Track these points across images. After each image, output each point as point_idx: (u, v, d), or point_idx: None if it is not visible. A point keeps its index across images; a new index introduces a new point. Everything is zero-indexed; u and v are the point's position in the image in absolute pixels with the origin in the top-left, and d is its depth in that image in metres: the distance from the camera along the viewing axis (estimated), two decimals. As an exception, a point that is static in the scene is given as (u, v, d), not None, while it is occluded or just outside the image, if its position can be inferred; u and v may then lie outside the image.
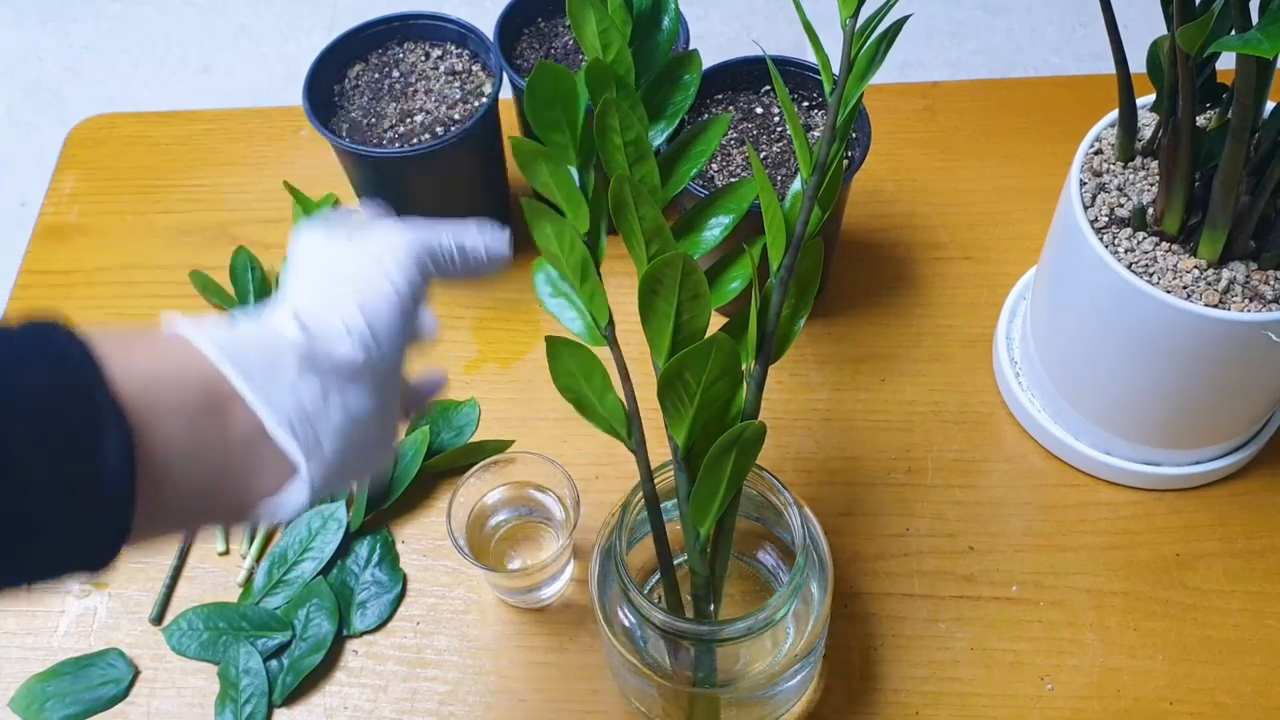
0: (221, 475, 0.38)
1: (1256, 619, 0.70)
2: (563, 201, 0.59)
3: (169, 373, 0.37)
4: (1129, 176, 0.68)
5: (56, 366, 0.33)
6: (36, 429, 0.32)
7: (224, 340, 0.39)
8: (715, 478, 0.55)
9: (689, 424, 0.55)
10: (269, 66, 1.91)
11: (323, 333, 0.42)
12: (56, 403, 0.33)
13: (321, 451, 0.40)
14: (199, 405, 0.37)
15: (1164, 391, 0.68)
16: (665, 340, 0.54)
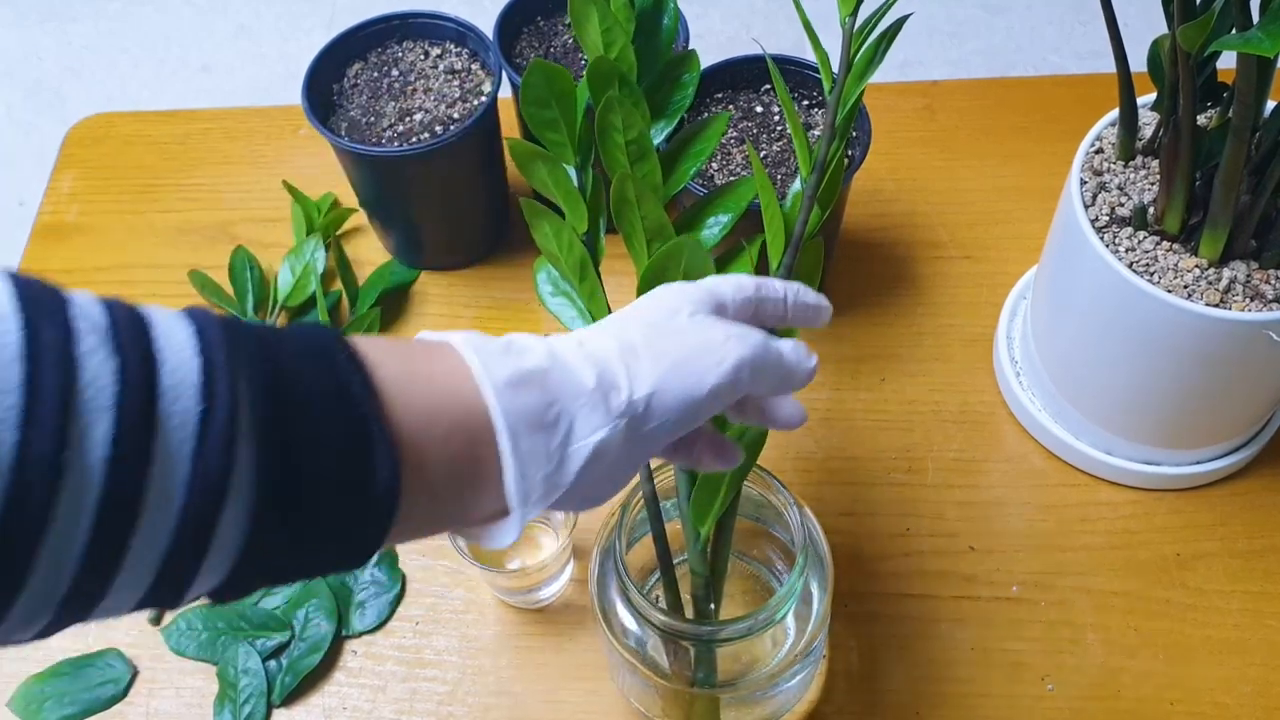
0: (458, 508, 0.39)
1: (1257, 619, 0.70)
2: (561, 201, 0.59)
3: (442, 417, 0.37)
4: (1130, 176, 0.68)
5: (337, 394, 0.34)
6: (312, 446, 0.33)
7: (504, 382, 0.39)
8: (717, 478, 0.55)
9: None
10: (268, 66, 1.91)
11: (608, 394, 0.41)
12: (334, 424, 0.34)
13: (543, 501, 0.40)
14: (461, 453, 0.38)
15: (1164, 391, 0.68)
16: None
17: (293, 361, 0.34)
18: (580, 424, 0.40)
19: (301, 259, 0.86)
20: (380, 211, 0.87)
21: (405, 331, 0.86)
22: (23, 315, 0.30)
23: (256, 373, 0.33)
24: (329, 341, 0.36)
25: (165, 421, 0.31)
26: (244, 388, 0.32)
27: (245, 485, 0.32)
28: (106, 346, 0.31)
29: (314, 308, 0.85)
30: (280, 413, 0.33)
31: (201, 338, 0.33)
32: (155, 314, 0.33)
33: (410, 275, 0.88)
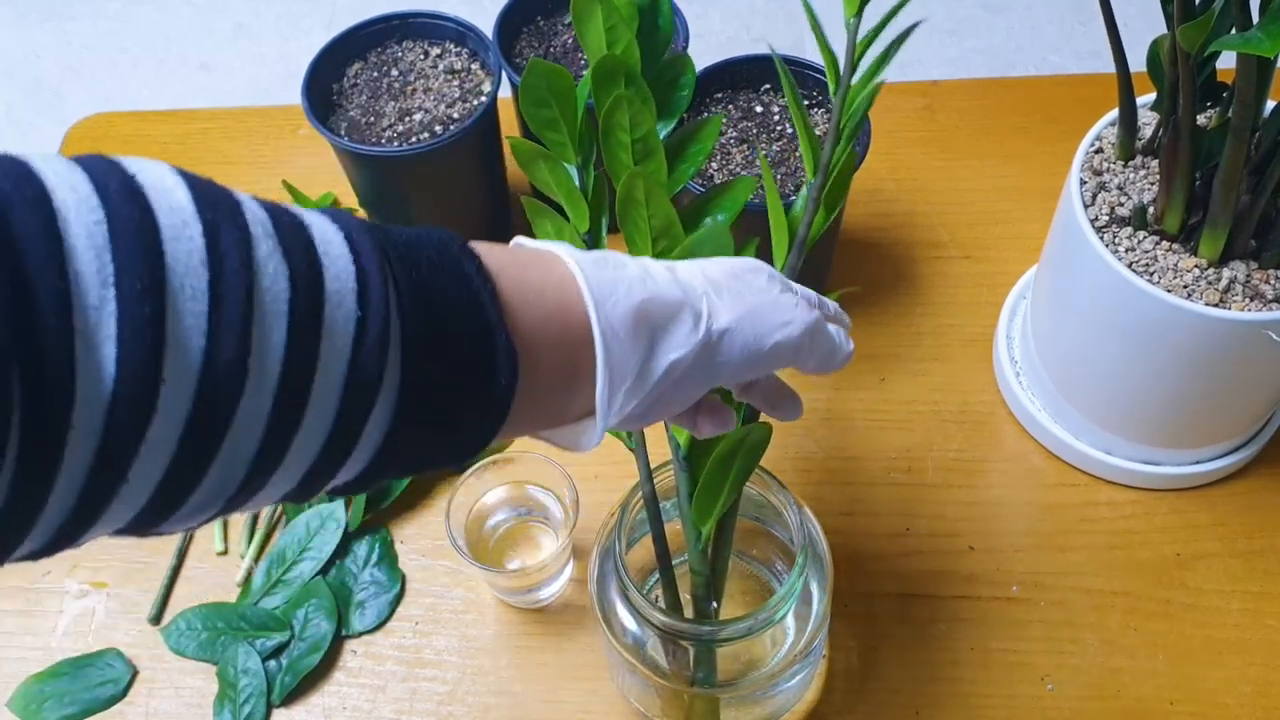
0: (555, 409, 0.42)
1: (1257, 619, 0.70)
2: (563, 200, 0.59)
3: (552, 325, 0.40)
4: (1129, 175, 0.68)
5: (469, 304, 0.36)
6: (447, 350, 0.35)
7: (605, 295, 0.41)
8: (719, 479, 0.55)
9: None
10: (268, 65, 1.91)
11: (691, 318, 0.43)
12: (464, 330, 0.36)
13: (624, 407, 0.42)
14: (564, 359, 0.40)
15: (1164, 391, 0.68)
16: None
17: (430, 269, 0.36)
18: (662, 342, 0.42)
19: (301, 259, 0.86)
20: (380, 211, 0.87)
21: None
22: (203, 218, 0.30)
23: (402, 280, 0.34)
24: (459, 250, 0.38)
25: (330, 326, 0.32)
26: (393, 295, 0.34)
27: (391, 387, 0.34)
28: (279, 251, 0.31)
29: (314, 307, 0.85)
30: (424, 320, 0.35)
31: (352, 244, 0.34)
32: (310, 217, 0.34)
33: (410, 275, 0.88)
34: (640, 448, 0.58)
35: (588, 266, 0.41)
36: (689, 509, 0.57)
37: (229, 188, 0.33)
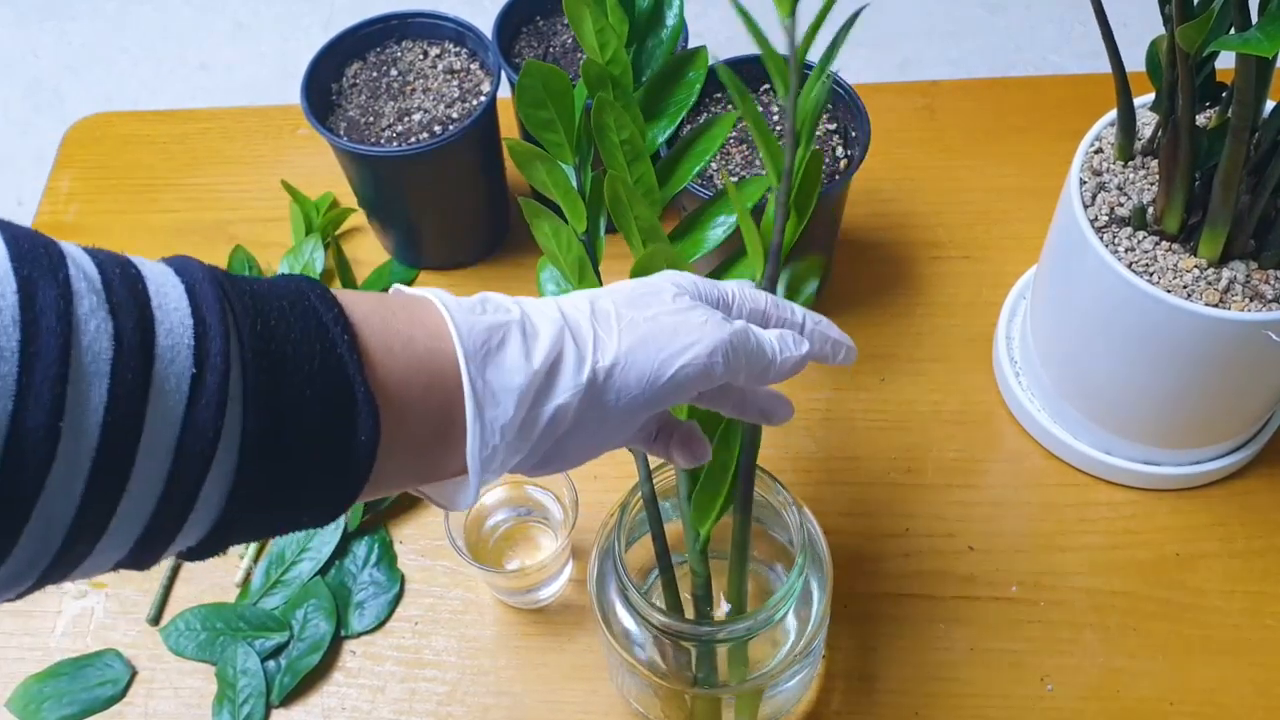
0: (426, 465, 0.40)
1: (1256, 619, 0.70)
2: (560, 201, 0.59)
3: (420, 376, 0.38)
4: (1129, 176, 0.68)
5: (324, 355, 0.35)
6: (299, 404, 0.34)
7: (477, 344, 0.39)
8: (717, 478, 0.55)
9: None
10: (266, 65, 1.91)
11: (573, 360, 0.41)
12: (320, 383, 0.34)
13: (503, 465, 0.40)
14: (435, 412, 0.38)
15: (1164, 391, 0.68)
16: None
17: (282, 319, 0.34)
18: (544, 389, 0.40)
19: (300, 259, 0.86)
20: (379, 211, 0.87)
21: (404, 331, 0.86)
22: (19, 275, 0.29)
23: (247, 332, 0.33)
24: (316, 297, 0.36)
25: (160, 385, 0.30)
26: (235, 348, 0.32)
27: (232, 447, 0.32)
28: (105, 307, 0.30)
29: (313, 307, 0.85)
30: (269, 375, 0.33)
31: (193, 295, 0.32)
32: (148, 269, 0.33)
33: (409, 275, 0.88)
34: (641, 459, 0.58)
35: (460, 313, 0.39)
36: (688, 509, 0.57)
37: (58, 241, 0.31)
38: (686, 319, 0.43)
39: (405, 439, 0.37)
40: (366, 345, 0.36)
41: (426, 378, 0.38)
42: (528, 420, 0.40)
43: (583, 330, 0.41)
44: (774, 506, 0.61)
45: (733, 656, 0.60)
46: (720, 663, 0.60)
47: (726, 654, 0.60)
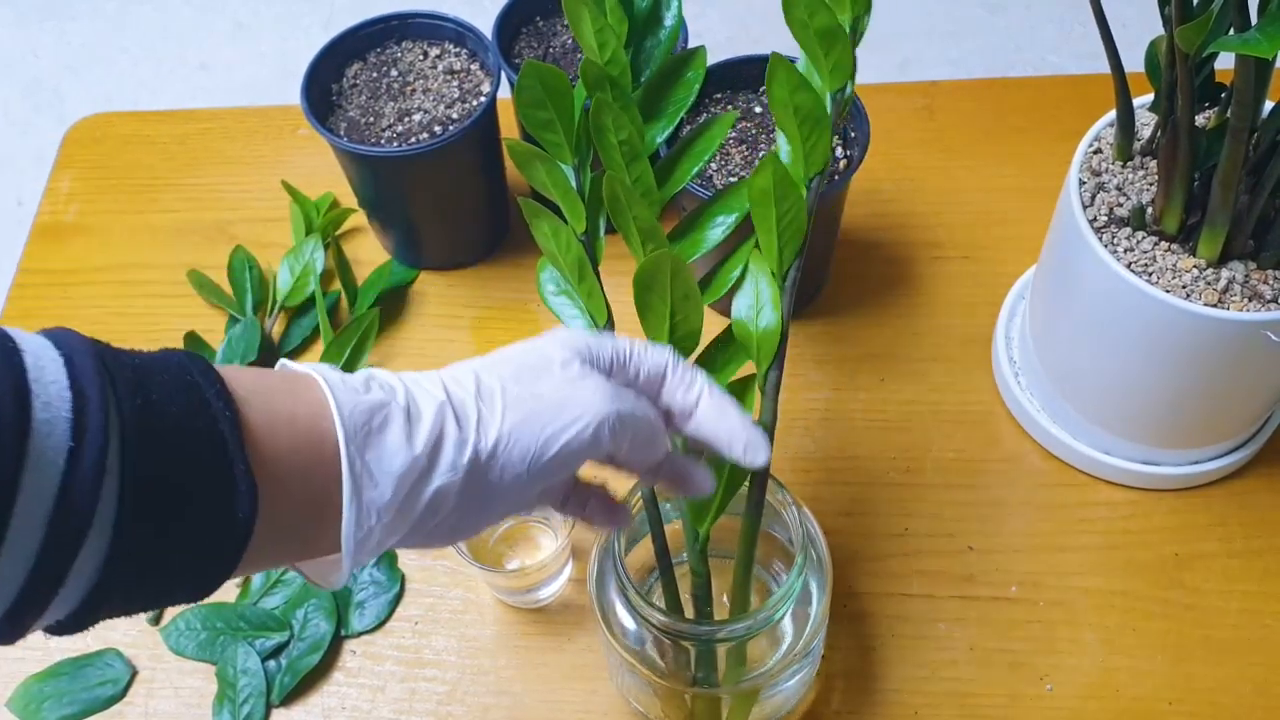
0: (300, 545, 0.40)
1: (1255, 619, 0.70)
2: (560, 201, 0.59)
3: (300, 457, 0.38)
4: (1128, 176, 0.68)
5: (206, 433, 0.34)
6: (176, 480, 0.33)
7: (357, 425, 0.39)
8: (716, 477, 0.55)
9: None
10: (267, 65, 1.91)
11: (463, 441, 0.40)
12: (198, 459, 0.34)
13: (379, 547, 0.40)
14: (314, 493, 0.38)
15: (1163, 391, 0.68)
16: (663, 338, 0.55)
17: (163, 393, 0.34)
18: (425, 471, 0.40)
19: (301, 259, 0.86)
20: (379, 212, 0.87)
21: (406, 332, 0.86)
22: None
23: (127, 406, 0.32)
24: (199, 373, 0.36)
25: (36, 457, 0.30)
26: (114, 423, 0.32)
27: (107, 523, 0.32)
28: None
29: (313, 308, 0.85)
30: (148, 450, 0.33)
31: (72, 368, 0.32)
32: (28, 342, 0.32)
33: (409, 275, 0.88)
34: None
35: (343, 391, 0.39)
36: (687, 509, 0.57)
37: None
38: (574, 392, 0.43)
39: (283, 517, 0.37)
40: (248, 422, 0.36)
41: (307, 457, 0.38)
42: (407, 502, 0.39)
43: (467, 409, 0.41)
44: (773, 506, 0.61)
45: (731, 656, 0.60)
46: (719, 663, 0.60)
47: (725, 654, 0.60)
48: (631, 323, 0.56)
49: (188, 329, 0.83)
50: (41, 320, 0.88)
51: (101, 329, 0.87)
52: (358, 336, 0.81)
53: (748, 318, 0.57)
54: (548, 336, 0.46)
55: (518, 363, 0.44)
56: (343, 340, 0.81)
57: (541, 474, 0.42)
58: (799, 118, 0.56)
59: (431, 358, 0.84)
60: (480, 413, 0.41)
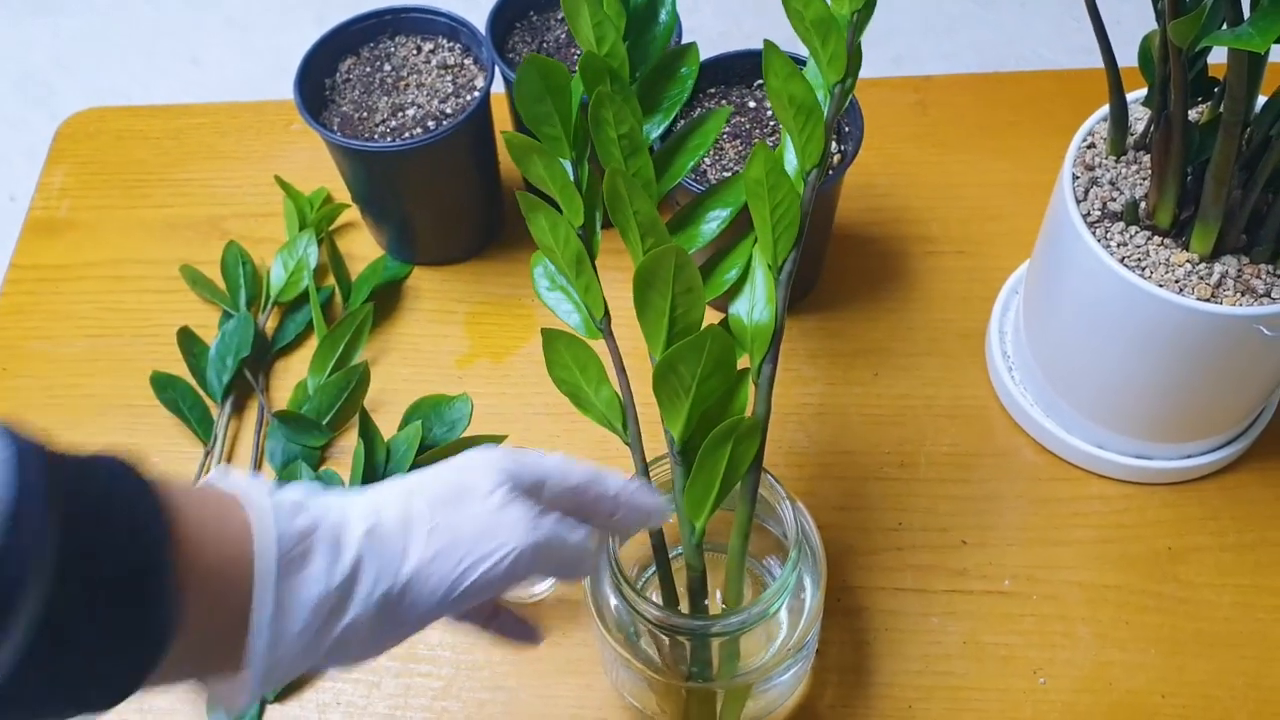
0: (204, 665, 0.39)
1: (1248, 612, 0.70)
2: (557, 195, 0.59)
3: (221, 577, 0.38)
4: (1121, 170, 0.68)
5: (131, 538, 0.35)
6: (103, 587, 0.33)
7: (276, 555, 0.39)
8: (710, 471, 0.55)
9: (685, 417, 0.54)
10: (259, 59, 1.90)
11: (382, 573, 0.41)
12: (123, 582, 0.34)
13: (287, 674, 0.40)
14: (228, 617, 0.38)
15: (1156, 385, 0.68)
16: (661, 333, 0.54)
17: (99, 501, 0.34)
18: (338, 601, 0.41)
19: (294, 254, 0.86)
20: (373, 207, 0.87)
21: (400, 327, 0.86)
22: None
23: (62, 511, 0.32)
24: (135, 486, 0.36)
25: None
26: (51, 524, 0.32)
27: (23, 628, 0.31)
28: None
29: (307, 303, 0.85)
30: (78, 555, 0.32)
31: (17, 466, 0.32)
32: None
33: (403, 271, 0.88)
34: (636, 441, 0.58)
35: (270, 517, 0.40)
36: (683, 503, 0.57)
37: None
38: (497, 521, 0.44)
39: (197, 635, 0.37)
40: (179, 537, 0.36)
41: (229, 578, 0.38)
42: (320, 633, 0.40)
43: (391, 542, 0.42)
44: (768, 501, 0.61)
45: (726, 650, 0.60)
46: (714, 657, 0.60)
47: (719, 648, 0.60)
48: (626, 316, 0.56)
49: (180, 324, 0.83)
50: (35, 315, 0.88)
51: (94, 324, 0.87)
52: (351, 332, 0.81)
53: (743, 311, 0.57)
54: (477, 458, 0.46)
55: (444, 487, 0.44)
56: (336, 336, 0.81)
57: (454, 604, 0.43)
58: (793, 107, 0.56)
59: (425, 353, 0.84)
60: (405, 545, 0.42)
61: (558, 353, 0.58)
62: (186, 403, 0.81)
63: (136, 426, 0.82)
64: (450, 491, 0.44)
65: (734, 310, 0.57)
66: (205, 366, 0.81)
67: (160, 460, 0.80)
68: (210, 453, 0.79)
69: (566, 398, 0.59)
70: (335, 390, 0.79)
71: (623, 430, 0.58)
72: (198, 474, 0.79)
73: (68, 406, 0.83)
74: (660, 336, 0.54)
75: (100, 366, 0.85)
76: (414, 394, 0.80)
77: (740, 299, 0.57)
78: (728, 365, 0.53)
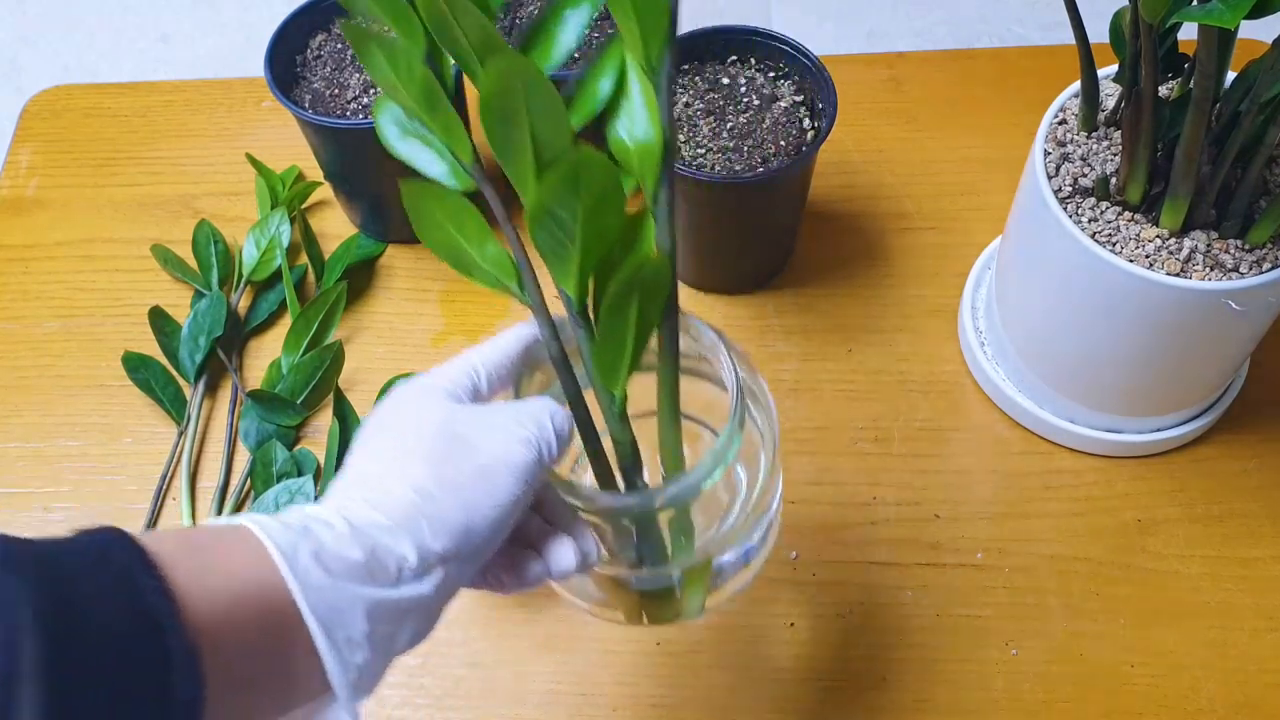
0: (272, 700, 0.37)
1: (1215, 583, 0.71)
2: (391, 22, 0.48)
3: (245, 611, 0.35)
4: (1092, 146, 0.68)
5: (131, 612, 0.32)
6: (103, 673, 0.31)
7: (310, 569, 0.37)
8: (619, 329, 0.46)
9: (577, 269, 0.46)
10: (229, 36, 1.88)
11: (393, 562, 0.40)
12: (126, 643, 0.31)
13: (376, 677, 0.39)
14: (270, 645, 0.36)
15: (1125, 359, 0.69)
16: (528, 174, 0.45)
17: (80, 579, 0.31)
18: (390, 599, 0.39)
19: (266, 233, 0.85)
20: (345, 184, 0.86)
21: (374, 306, 0.85)
22: None
23: (39, 599, 0.30)
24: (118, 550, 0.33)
25: None
26: (26, 621, 0.29)
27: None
28: None
29: (279, 282, 0.85)
30: (67, 644, 0.30)
31: None
32: None
33: (377, 249, 0.88)
34: (537, 300, 0.49)
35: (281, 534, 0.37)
36: (594, 369, 0.48)
37: None
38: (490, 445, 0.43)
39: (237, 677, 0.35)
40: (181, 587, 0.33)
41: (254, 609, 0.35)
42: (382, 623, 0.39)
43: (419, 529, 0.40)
44: (693, 349, 0.53)
45: (676, 527, 0.54)
46: (665, 538, 0.54)
47: (669, 525, 0.53)
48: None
49: (152, 304, 0.82)
50: (4, 296, 0.87)
51: (64, 304, 0.86)
52: (325, 310, 0.81)
53: (623, 131, 0.48)
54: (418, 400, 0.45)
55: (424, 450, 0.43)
56: (310, 315, 0.81)
57: (496, 537, 0.43)
58: None
59: (400, 331, 0.84)
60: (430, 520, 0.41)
61: (426, 209, 0.49)
62: (159, 383, 0.80)
63: (109, 407, 0.81)
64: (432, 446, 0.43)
65: (613, 133, 0.48)
66: (178, 346, 0.81)
67: (133, 440, 0.80)
68: (184, 432, 0.79)
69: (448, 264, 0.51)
70: (309, 369, 0.79)
71: (519, 290, 0.49)
72: (172, 453, 0.78)
73: (38, 388, 0.83)
74: (528, 178, 0.45)
75: (71, 347, 0.85)
76: (388, 372, 0.80)
77: (618, 118, 0.48)
78: (614, 199, 0.44)
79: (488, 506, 0.42)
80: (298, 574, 0.37)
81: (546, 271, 0.47)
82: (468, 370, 0.48)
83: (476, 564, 0.43)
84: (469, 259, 0.49)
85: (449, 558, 0.41)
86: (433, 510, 0.41)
